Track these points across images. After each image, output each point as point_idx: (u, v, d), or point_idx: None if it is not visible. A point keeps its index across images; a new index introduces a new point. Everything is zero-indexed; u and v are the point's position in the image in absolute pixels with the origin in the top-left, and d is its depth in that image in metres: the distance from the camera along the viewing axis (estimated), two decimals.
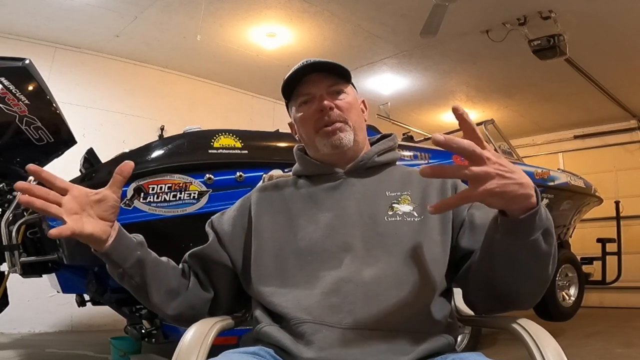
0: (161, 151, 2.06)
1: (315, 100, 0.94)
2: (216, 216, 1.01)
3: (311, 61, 0.94)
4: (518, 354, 0.83)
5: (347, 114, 0.94)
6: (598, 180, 4.88)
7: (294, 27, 4.17)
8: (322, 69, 0.95)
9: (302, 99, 0.96)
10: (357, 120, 0.97)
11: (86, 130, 4.01)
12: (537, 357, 0.71)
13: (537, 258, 0.72)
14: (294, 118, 1.01)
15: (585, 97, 5.49)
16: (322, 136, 0.94)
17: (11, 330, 3.76)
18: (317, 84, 0.95)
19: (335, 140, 0.93)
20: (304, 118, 0.96)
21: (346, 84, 0.98)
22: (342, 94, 0.96)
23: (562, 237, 4.09)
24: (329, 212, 0.89)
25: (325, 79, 0.95)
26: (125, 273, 0.82)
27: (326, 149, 0.94)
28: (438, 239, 0.85)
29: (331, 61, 0.95)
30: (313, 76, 0.95)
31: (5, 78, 2.16)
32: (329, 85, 0.95)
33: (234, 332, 0.94)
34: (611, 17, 3.80)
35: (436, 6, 3.35)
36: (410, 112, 6.18)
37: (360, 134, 0.97)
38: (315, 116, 0.94)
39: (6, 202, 2.34)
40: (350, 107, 0.96)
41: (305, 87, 0.96)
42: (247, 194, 1.02)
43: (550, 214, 0.73)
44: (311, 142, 0.97)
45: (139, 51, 4.65)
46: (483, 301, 0.84)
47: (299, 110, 0.97)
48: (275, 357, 0.78)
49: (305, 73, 0.95)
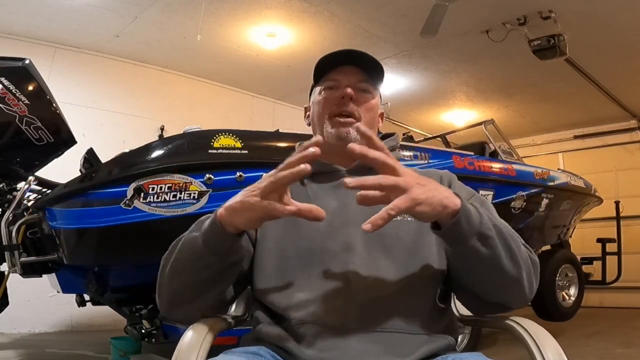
0: (161, 151, 2.06)
1: (341, 88, 0.94)
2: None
3: (352, 50, 0.94)
4: (518, 354, 0.83)
5: (364, 113, 0.94)
6: (598, 180, 4.88)
7: (294, 27, 4.17)
8: (358, 63, 0.95)
9: (329, 83, 0.96)
10: (370, 122, 0.96)
11: (86, 130, 4.01)
12: (537, 357, 0.71)
13: (482, 262, 0.73)
14: (312, 100, 1.00)
15: (585, 97, 5.49)
16: (332, 124, 0.94)
17: (11, 330, 3.76)
18: (348, 75, 0.95)
19: (342, 132, 0.92)
20: (325, 100, 0.96)
21: (375, 87, 0.98)
22: (368, 93, 0.96)
23: (562, 237, 4.09)
24: (331, 211, 0.89)
25: (359, 73, 0.95)
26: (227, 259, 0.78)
27: (331, 137, 0.94)
28: (435, 240, 0.85)
29: (369, 55, 0.94)
30: (347, 67, 0.95)
31: (5, 78, 2.16)
32: (359, 80, 0.95)
33: (234, 332, 0.94)
34: (611, 17, 3.80)
35: (436, 6, 3.35)
36: (410, 112, 6.18)
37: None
38: (335, 101, 0.94)
39: (6, 202, 2.34)
40: (370, 108, 0.96)
41: (336, 74, 0.96)
42: None
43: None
44: (320, 125, 0.97)
45: (139, 51, 4.65)
46: (472, 304, 0.86)
47: (322, 93, 0.97)
48: (276, 357, 0.78)
49: (341, 62, 0.95)
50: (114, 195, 1.95)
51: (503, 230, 0.74)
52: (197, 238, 0.75)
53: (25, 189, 2.27)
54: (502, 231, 0.74)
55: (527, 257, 0.78)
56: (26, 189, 2.27)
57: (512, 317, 0.82)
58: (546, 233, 3.73)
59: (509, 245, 0.74)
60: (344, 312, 0.77)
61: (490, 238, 0.72)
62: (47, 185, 2.40)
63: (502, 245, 0.73)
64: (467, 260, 0.74)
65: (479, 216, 0.71)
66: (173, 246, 0.82)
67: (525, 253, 0.78)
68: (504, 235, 0.74)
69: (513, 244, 0.75)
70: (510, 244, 0.74)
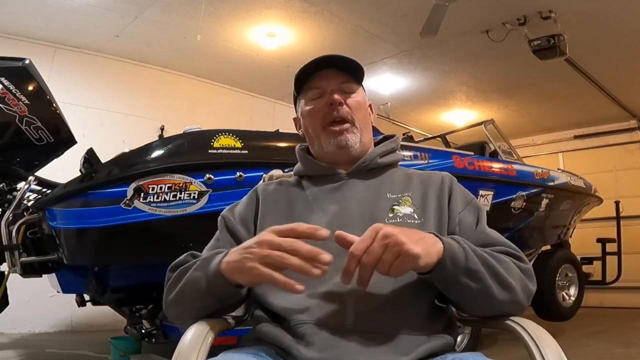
0: (161, 151, 2.06)
1: (326, 95, 0.94)
2: (227, 213, 0.98)
3: (327, 55, 0.94)
4: (518, 354, 0.83)
5: (356, 114, 0.95)
6: (598, 180, 4.87)
7: (294, 27, 4.17)
8: (336, 65, 0.95)
9: (313, 92, 0.96)
10: (364, 120, 0.97)
11: (86, 130, 4.00)
12: (537, 357, 0.71)
13: (473, 295, 0.75)
14: (301, 111, 1.00)
15: (585, 97, 5.50)
16: (328, 134, 0.94)
17: (11, 330, 3.76)
18: (329, 79, 0.95)
19: (341, 141, 0.93)
20: (313, 111, 0.96)
21: (358, 84, 0.99)
22: (352, 92, 0.96)
23: (562, 237, 4.09)
24: (331, 214, 0.89)
25: (338, 75, 0.96)
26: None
27: (331, 147, 0.94)
28: None
29: (347, 56, 0.95)
30: (326, 71, 0.95)
31: (5, 78, 2.16)
32: (341, 82, 0.95)
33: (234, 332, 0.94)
34: (611, 17, 3.80)
35: (436, 6, 3.35)
36: (410, 112, 6.18)
37: (366, 135, 0.97)
38: (324, 110, 0.94)
39: (6, 202, 2.34)
40: (359, 106, 0.96)
41: (317, 81, 0.96)
42: (254, 189, 1.01)
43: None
44: (316, 138, 0.97)
45: (139, 51, 4.65)
46: (470, 315, 0.88)
47: (308, 104, 0.97)
48: (276, 357, 0.78)
49: (318, 67, 0.95)
50: (114, 195, 1.95)
51: (489, 259, 0.75)
52: (201, 280, 0.77)
53: (25, 189, 2.27)
54: (488, 260, 0.75)
55: (518, 272, 0.79)
56: (26, 189, 2.27)
57: (512, 317, 0.82)
58: (546, 233, 3.73)
59: (497, 272, 0.75)
60: (343, 313, 0.77)
61: (478, 272, 0.73)
62: (47, 185, 2.40)
63: (491, 274, 0.74)
64: (459, 294, 0.77)
65: (464, 252, 0.73)
66: (177, 275, 0.82)
67: (515, 269, 0.79)
68: (489, 264, 0.75)
69: (501, 269, 0.76)
70: (499, 270, 0.75)
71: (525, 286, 0.78)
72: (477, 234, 0.87)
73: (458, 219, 0.88)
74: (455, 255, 0.72)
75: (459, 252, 0.72)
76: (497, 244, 0.84)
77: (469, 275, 0.73)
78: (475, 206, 0.92)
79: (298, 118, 1.03)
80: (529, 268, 0.81)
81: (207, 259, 0.79)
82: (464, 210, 0.90)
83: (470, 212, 0.90)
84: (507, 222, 3.10)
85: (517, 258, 0.81)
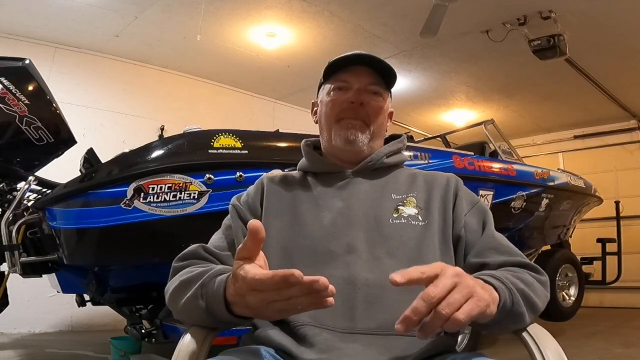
0: (161, 151, 2.06)
1: (351, 91, 0.93)
2: (237, 201, 0.96)
3: (364, 54, 0.94)
4: (518, 354, 0.83)
5: (374, 117, 0.94)
6: (598, 180, 4.88)
7: (294, 27, 4.17)
8: (370, 65, 0.94)
9: (339, 84, 0.95)
10: (379, 126, 0.97)
11: (86, 130, 4.01)
12: (537, 357, 0.71)
13: (508, 327, 0.75)
14: (321, 99, 1.00)
15: (585, 97, 5.49)
16: (340, 126, 0.94)
17: (11, 330, 3.76)
18: (359, 76, 0.94)
19: (350, 135, 0.93)
20: (333, 102, 0.95)
21: (386, 89, 0.98)
22: (378, 96, 0.95)
23: (562, 237, 4.09)
24: (335, 212, 0.89)
25: (369, 75, 0.95)
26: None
27: (339, 140, 0.94)
28: (438, 246, 0.86)
29: (383, 60, 0.94)
30: (359, 68, 0.95)
31: (5, 78, 2.16)
32: (370, 82, 0.95)
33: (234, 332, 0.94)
34: (611, 17, 3.80)
35: (436, 6, 3.35)
36: (410, 112, 6.18)
37: (377, 141, 0.97)
38: (343, 105, 0.93)
39: (6, 202, 2.34)
40: (379, 111, 0.95)
41: (347, 75, 0.95)
42: (260, 180, 1.00)
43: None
44: (327, 129, 0.97)
45: (139, 51, 4.65)
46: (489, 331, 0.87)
47: (330, 93, 0.96)
48: (276, 358, 0.78)
49: (353, 62, 0.94)
50: (114, 195, 1.95)
51: (526, 290, 0.73)
52: (203, 310, 0.73)
53: (25, 189, 2.27)
54: (526, 292, 0.73)
55: (542, 291, 0.78)
56: (26, 189, 2.27)
57: None
58: (546, 233, 3.73)
59: (532, 303, 0.74)
60: (345, 314, 0.77)
61: (522, 314, 0.72)
62: (47, 185, 2.40)
63: (527, 306, 0.73)
64: (493, 327, 0.74)
65: (510, 296, 0.70)
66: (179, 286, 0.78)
67: (540, 289, 0.78)
68: (527, 295, 0.73)
69: (534, 297, 0.74)
70: (534, 301, 0.74)
71: (545, 301, 0.78)
72: (486, 238, 0.86)
73: (463, 222, 0.88)
74: (505, 301, 0.69)
75: (506, 297, 0.70)
76: (509, 252, 0.83)
77: (512, 318, 0.72)
78: (481, 209, 0.92)
79: (316, 102, 1.02)
80: (547, 281, 0.80)
81: (205, 285, 0.73)
82: (469, 213, 0.90)
83: (476, 215, 0.90)
84: (507, 222, 3.10)
85: (535, 271, 0.80)
